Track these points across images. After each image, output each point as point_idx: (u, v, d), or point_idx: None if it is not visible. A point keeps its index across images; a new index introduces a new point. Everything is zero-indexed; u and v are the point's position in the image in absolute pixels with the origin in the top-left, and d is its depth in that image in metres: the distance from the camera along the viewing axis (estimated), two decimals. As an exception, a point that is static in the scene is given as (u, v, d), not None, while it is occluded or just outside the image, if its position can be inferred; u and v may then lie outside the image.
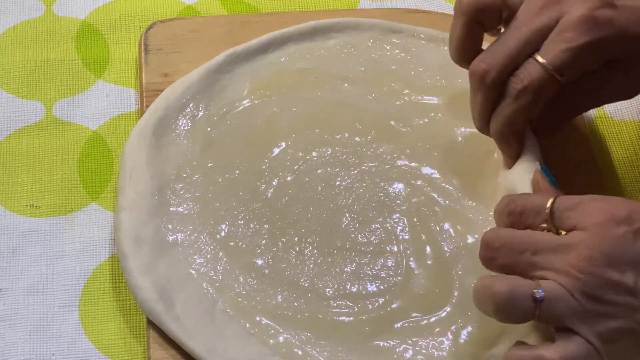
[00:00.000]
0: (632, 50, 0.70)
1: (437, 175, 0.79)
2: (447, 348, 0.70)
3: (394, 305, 0.72)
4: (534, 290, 0.62)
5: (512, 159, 0.73)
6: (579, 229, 0.62)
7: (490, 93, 0.71)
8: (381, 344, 0.70)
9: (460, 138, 0.81)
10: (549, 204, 0.64)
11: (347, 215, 0.76)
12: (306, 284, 0.73)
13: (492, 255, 0.65)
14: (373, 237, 0.75)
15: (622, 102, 0.87)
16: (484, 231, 0.66)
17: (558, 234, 0.63)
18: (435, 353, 0.70)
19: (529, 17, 0.70)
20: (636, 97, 0.84)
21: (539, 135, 0.74)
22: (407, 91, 0.83)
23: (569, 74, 0.69)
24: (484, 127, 0.73)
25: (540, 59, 0.68)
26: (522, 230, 0.65)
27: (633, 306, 0.61)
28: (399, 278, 0.73)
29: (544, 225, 0.64)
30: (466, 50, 0.73)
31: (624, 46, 0.69)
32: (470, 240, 0.75)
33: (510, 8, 0.71)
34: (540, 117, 0.73)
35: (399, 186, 0.78)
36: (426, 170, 0.79)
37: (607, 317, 0.61)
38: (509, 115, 0.70)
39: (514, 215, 0.66)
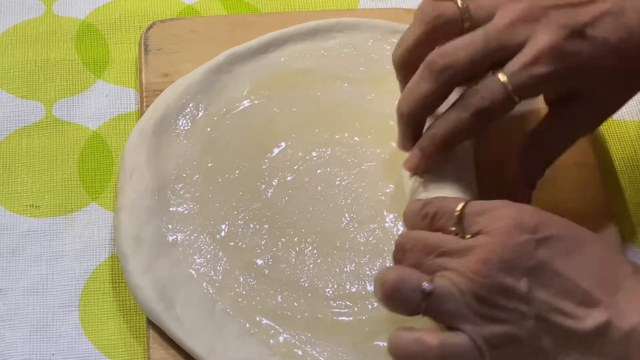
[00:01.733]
0: (599, 82, 0.69)
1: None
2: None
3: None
4: (423, 283, 0.62)
5: (427, 164, 0.72)
6: (484, 234, 0.62)
7: (440, 89, 0.69)
8: (381, 344, 0.70)
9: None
10: (459, 207, 0.64)
11: (347, 215, 0.76)
12: (306, 284, 0.73)
13: (401, 257, 0.65)
14: (372, 237, 0.75)
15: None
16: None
17: (464, 238, 0.64)
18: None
19: (499, 29, 0.69)
20: (636, 97, 0.84)
21: (521, 191, 0.72)
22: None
23: (525, 98, 0.69)
24: (412, 112, 0.71)
25: (504, 78, 0.68)
26: (432, 233, 0.65)
27: (523, 313, 0.61)
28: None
29: (453, 228, 0.64)
30: (412, 58, 0.72)
31: (589, 79, 0.69)
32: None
33: (473, 20, 0.70)
34: (520, 174, 0.72)
35: (398, 186, 0.77)
36: (426, 170, 0.79)
37: (495, 321, 0.61)
38: (458, 126, 0.69)
39: (428, 217, 0.66)
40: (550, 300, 0.61)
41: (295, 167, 0.79)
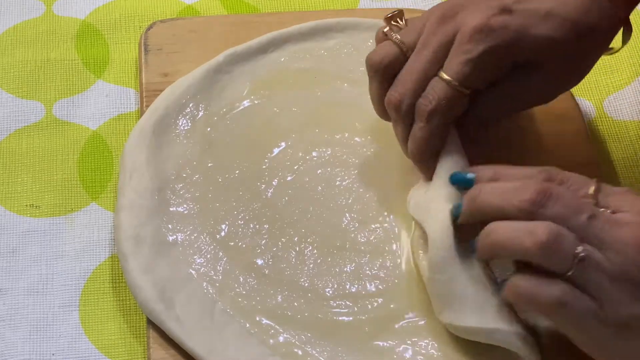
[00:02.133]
0: (538, 52, 0.70)
1: None
2: (447, 348, 0.70)
3: (393, 305, 0.72)
4: (578, 247, 0.61)
5: (430, 179, 0.72)
6: (623, 212, 0.62)
7: (408, 120, 0.71)
8: (381, 344, 0.70)
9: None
10: (594, 183, 0.64)
11: (347, 215, 0.76)
12: (306, 284, 0.73)
13: (545, 202, 0.62)
14: (373, 237, 0.75)
15: (622, 102, 0.87)
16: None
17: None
18: (435, 353, 0.70)
19: (428, 37, 0.70)
20: (636, 97, 0.84)
21: (469, 130, 0.73)
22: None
23: (475, 85, 0.69)
24: (413, 153, 0.72)
25: (444, 75, 0.69)
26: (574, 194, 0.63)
27: None
28: (399, 278, 0.73)
29: (587, 200, 0.63)
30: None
31: (526, 49, 0.69)
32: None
33: (411, 47, 0.72)
34: (468, 117, 0.73)
35: (398, 186, 0.77)
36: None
37: (635, 300, 0.61)
38: (423, 137, 0.71)
39: (556, 181, 0.64)
40: None
41: (295, 167, 0.79)
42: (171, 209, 0.76)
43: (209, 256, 0.74)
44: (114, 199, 0.78)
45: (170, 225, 0.75)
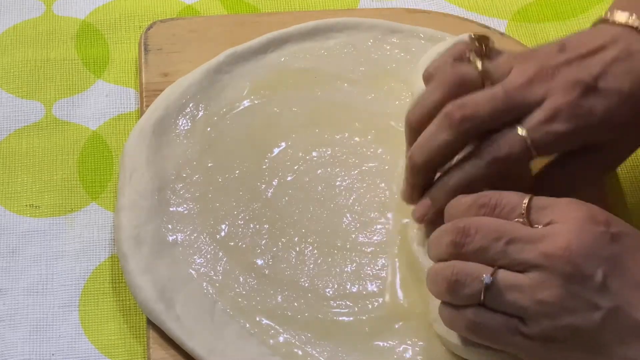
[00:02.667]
0: (615, 134, 0.69)
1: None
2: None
3: (393, 306, 0.72)
4: (483, 275, 0.62)
5: (437, 213, 0.71)
6: (557, 223, 0.62)
7: (458, 140, 0.69)
8: (381, 344, 0.70)
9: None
10: (525, 200, 0.64)
11: (348, 215, 0.76)
12: (306, 284, 0.73)
13: (464, 241, 0.64)
14: (373, 238, 0.75)
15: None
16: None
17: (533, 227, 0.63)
18: (436, 353, 0.70)
19: (517, 86, 0.68)
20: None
21: None
22: (407, 91, 0.83)
23: (543, 154, 0.69)
24: (427, 162, 0.70)
25: (522, 132, 0.68)
26: (500, 219, 0.64)
27: (595, 304, 0.61)
28: (399, 278, 0.73)
29: (519, 220, 0.64)
30: (430, 120, 0.70)
31: (605, 133, 0.69)
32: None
33: (493, 80, 0.70)
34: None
35: (399, 186, 0.77)
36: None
37: (562, 312, 0.61)
38: (473, 175, 0.69)
39: (487, 207, 0.65)
40: (622, 291, 0.61)
41: (296, 167, 0.79)
42: (171, 209, 0.76)
43: (209, 256, 0.74)
44: (114, 199, 0.78)
45: (170, 225, 0.75)
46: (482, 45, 0.72)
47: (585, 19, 0.93)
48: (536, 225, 0.63)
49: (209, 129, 0.80)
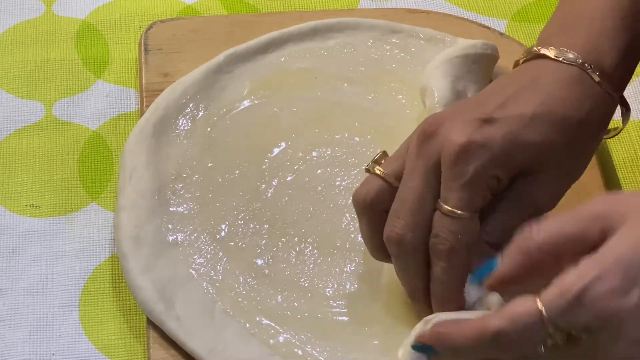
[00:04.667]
0: (531, 159, 0.65)
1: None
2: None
3: (393, 305, 0.72)
4: None
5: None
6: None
7: (417, 256, 0.66)
8: (381, 343, 0.70)
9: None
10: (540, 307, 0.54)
11: (347, 215, 0.76)
12: (306, 284, 0.73)
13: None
14: (373, 237, 0.75)
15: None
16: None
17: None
18: (435, 353, 0.70)
19: (412, 162, 0.65)
20: (636, 97, 0.84)
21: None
22: (407, 91, 0.83)
23: (480, 205, 0.65)
24: (423, 292, 0.67)
25: (445, 207, 0.64)
26: None
27: None
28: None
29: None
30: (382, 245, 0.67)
31: (518, 159, 0.65)
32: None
33: (399, 179, 0.67)
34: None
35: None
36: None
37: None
38: (450, 279, 0.65)
39: (503, 346, 0.55)
40: None
41: (295, 167, 0.79)
42: (171, 209, 0.76)
43: (209, 256, 0.74)
44: (114, 199, 0.78)
45: (170, 225, 0.75)
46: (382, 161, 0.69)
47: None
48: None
49: (209, 129, 0.80)
